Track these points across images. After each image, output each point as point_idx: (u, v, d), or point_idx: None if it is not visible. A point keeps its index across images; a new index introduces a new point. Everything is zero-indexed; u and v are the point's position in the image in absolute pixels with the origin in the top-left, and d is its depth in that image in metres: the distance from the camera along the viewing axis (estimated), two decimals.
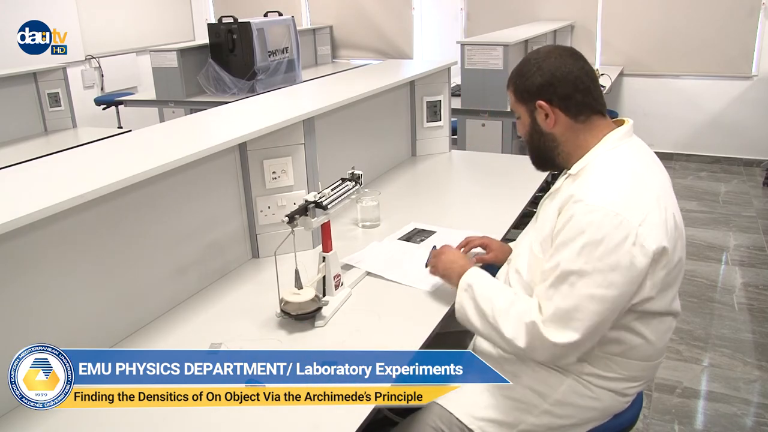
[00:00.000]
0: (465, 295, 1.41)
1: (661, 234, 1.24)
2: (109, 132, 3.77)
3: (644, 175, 1.32)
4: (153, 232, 1.55)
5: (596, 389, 1.37)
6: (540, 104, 1.36)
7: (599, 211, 1.23)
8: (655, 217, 1.24)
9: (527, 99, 1.38)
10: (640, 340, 1.34)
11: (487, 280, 1.43)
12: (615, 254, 1.21)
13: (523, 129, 1.43)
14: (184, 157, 1.50)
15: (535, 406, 1.37)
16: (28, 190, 1.36)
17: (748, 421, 2.29)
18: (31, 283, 1.26)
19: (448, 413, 1.38)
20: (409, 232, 2.00)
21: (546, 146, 1.41)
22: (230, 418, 1.18)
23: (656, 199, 1.27)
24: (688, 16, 5.19)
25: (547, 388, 1.37)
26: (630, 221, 1.21)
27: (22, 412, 1.21)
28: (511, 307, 1.32)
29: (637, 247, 1.21)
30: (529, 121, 1.40)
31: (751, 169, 5.20)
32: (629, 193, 1.26)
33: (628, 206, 1.23)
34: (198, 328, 1.50)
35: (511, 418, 1.38)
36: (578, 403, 1.37)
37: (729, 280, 3.34)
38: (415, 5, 6.22)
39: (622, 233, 1.21)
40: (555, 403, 1.37)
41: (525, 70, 1.39)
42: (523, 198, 2.24)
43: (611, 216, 1.21)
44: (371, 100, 2.47)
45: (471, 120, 3.99)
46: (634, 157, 1.36)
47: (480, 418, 1.38)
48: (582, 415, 1.38)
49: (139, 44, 6.28)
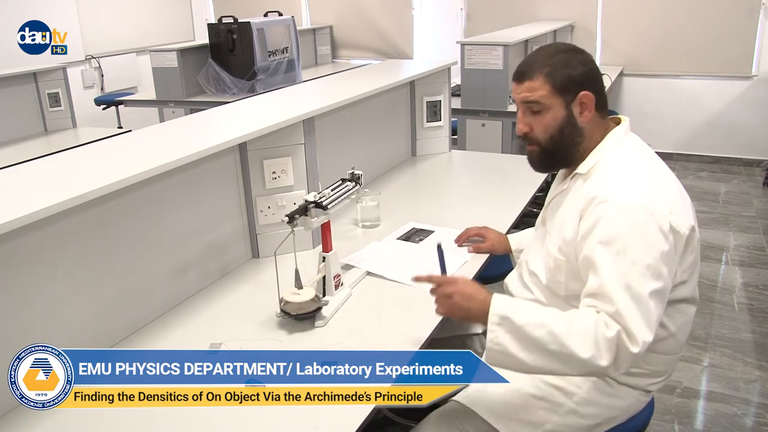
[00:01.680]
0: (500, 330, 1.22)
1: (690, 216, 1.28)
2: (109, 132, 3.76)
3: (658, 166, 1.34)
4: (153, 232, 1.55)
5: (620, 387, 1.37)
6: (586, 95, 1.33)
7: (628, 207, 1.23)
8: (679, 202, 1.27)
9: (569, 89, 1.33)
10: (665, 332, 1.34)
11: (522, 304, 1.30)
12: (656, 246, 1.21)
13: (553, 122, 1.34)
14: (184, 157, 1.50)
15: (561, 405, 1.36)
16: (28, 190, 1.36)
17: (748, 421, 2.28)
18: (32, 283, 1.26)
19: (473, 413, 1.36)
20: (407, 231, 2.00)
21: (572, 141, 1.36)
22: (230, 418, 1.18)
23: (675, 185, 1.31)
24: (688, 16, 5.19)
25: (573, 387, 1.36)
26: (660, 212, 1.23)
27: (22, 412, 1.21)
28: (573, 324, 1.19)
29: (672, 234, 1.23)
30: (564, 113, 1.34)
31: (751, 169, 5.20)
32: (652, 185, 1.28)
33: (654, 198, 1.24)
34: (198, 328, 1.50)
35: (537, 417, 1.35)
36: (603, 402, 1.36)
37: (729, 280, 3.34)
38: (415, 5, 6.22)
39: (657, 225, 1.22)
40: (581, 402, 1.35)
41: (564, 59, 1.33)
42: (523, 198, 2.24)
43: (642, 210, 1.22)
44: (371, 100, 2.47)
45: (471, 120, 3.99)
46: (642, 150, 1.37)
47: (508, 418, 1.35)
48: (605, 415, 1.37)
49: (139, 44, 6.28)
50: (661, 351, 1.36)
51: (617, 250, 1.21)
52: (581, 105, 1.34)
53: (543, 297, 1.42)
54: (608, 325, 1.18)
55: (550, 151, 1.38)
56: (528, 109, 1.36)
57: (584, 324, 1.18)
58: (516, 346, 1.20)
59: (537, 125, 1.36)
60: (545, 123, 1.35)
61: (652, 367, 1.37)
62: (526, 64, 1.37)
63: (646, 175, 1.30)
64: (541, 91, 1.33)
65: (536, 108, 1.35)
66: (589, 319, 1.19)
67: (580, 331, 1.18)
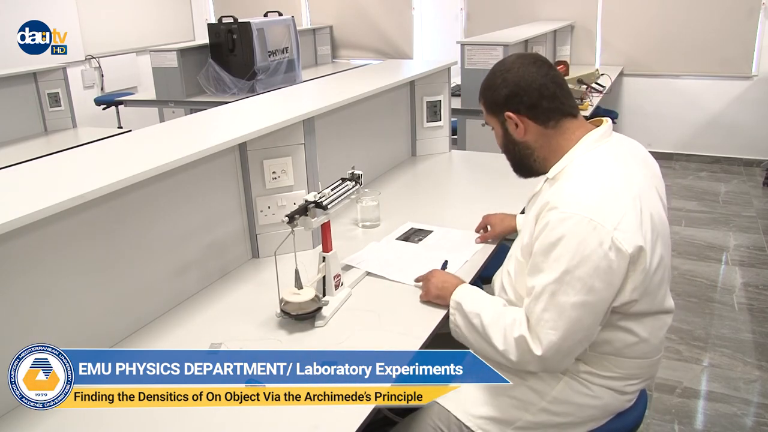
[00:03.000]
0: (456, 313, 1.45)
1: (638, 235, 1.24)
2: (109, 132, 3.76)
3: (620, 177, 1.31)
4: (153, 232, 1.55)
5: (594, 387, 1.38)
6: (508, 115, 1.39)
7: (573, 217, 1.23)
8: (630, 218, 1.24)
9: (497, 111, 1.41)
10: (634, 338, 1.35)
11: (475, 295, 1.46)
12: (591, 260, 1.22)
13: (498, 140, 1.47)
14: (184, 157, 1.50)
15: (533, 403, 1.38)
16: (28, 190, 1.36)
17: (748, 421, 2.28)
18: (32, 283, 1.26)
19: (447, 412, 1.39)
20: (406, 231, 2.00)
21: (522, 154, 1.44)
22: (230, 418, 1.18)
23: (632, 199, 1.26)
24: (688, 16, 5.19)
25: (544, 386, 1.38)
26: (604, 225, 1.21)
27: (22, 412, 1.21)
28: (499, 319, 1.35)
29: (613, 251, 1.22)
30: (501, 131, 1.44)
31: (751, 169, 5.20)
32: (603, 196, 1.26)
33: (601, 210, 1.23)
34: (198, 328, 1.50)
35: (509, 415, 1.38)
36: (576, 400, 1.37)
37: (729, 280, 3.34)
38: (415, 5, 6.22)
39: (597, 239, 1.21)
40: (552, 401, 1.37)
41: (491, 83, 1.41)
42: (523, 198, 2.22)
43: (585, 222, 1.22)
44: (371, 100, 2.47)
45: (471, 120, 3.99)
46: (612, 157, 1.35)
47: (478, 416, 1.38)
48: (581, 413, 1.38)
49: (139, 44, 6.28)
50: (632, 355, 1.37)
51: (553, 257, 1.25)
52: (513, 122, 1.39)
53: (514, 297, 1.44)
54: (520, 325, 1.30)
55: (511, 162, 1.50)
56: None
57: (508, 319, 1.33)
58: (465, 329, 1.42)
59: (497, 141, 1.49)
60: (497, 140, 1.48)
61: (623, 371, 1.38)
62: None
63: (602, 185, 1.28)
64: (484, 114, 1.46)
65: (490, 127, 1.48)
66: (510, 316, 1.33)
67: (501, 326, 1.33)
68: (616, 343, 1.35)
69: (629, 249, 1.23)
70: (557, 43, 5.36)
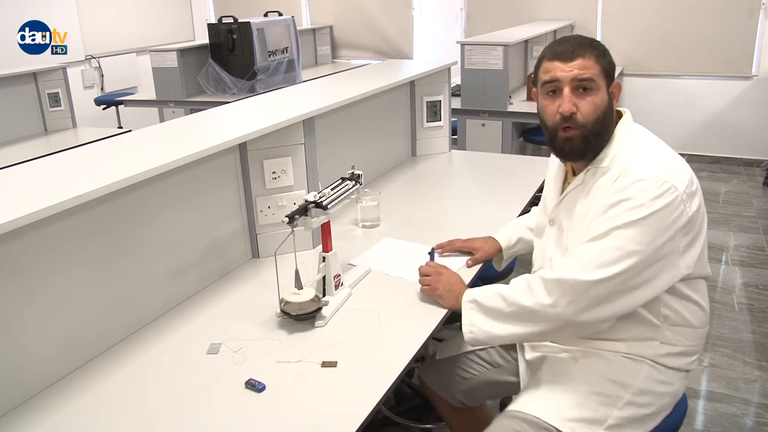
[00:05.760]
0: (471, 313, 1.42)
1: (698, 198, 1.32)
2: (109, 132, 3.76)
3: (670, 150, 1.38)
4: (153, 232, 1.55)
5: (668, 372, 1.38)
6: (617, 84, 1.39)
7: (647, 179, 1.26)
8: (694, 182, 1.31)
9: (610, 75, 1.37)
10: (695, 306, 1.38)
11: (485, 287, 1.44)
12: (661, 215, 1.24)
13: (600, 103, 1.34)
14: (184, 157, 1.50)
15: (619, 397, 1.35)
16: (28, 190, 1.36)
17: (748, 421, 2.29)
18: (31, 283, 1.26)
19: (534, 418, 1.32)
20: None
21: (608, 128, 1.38)
22: (230, 418, 1.18)
23: (688, 168, 1.34)
24: (688, 16, 5.19)
25: (627, 378, 1.36)
26: (677, 187, 1.26)
27: (22, 411, 1.22)
28: (516, 284, 1.36)
29: (684, 215, 1.27)
30: (606, 98, 1.36)
31: (751, 169, 5.20)
32: (671, 164, 1.31)
33: (672, 175, 1.27)
34: (198, 328, 1.50)
35: (599, 413, 1.33)
36: (656, 389, 1.37)
37: (729, 280, 3.34)
38: (415, 5, 6.22)
39: (670, 197, 1.25)
40: (637, 392, 1.35)
41: (605, 48, 1.37)
42: (523, 198, 2.24)
43: (660, 182, 1.26)
44: (371, 100, 2.47)
45: (471, 120, 3.99)
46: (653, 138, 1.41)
47: (570, 418, 1.32)
48: (659, 402, 1.37)
49: (139, 44, 6.28)
50: (696, 324, 1.39)
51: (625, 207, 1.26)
52: (612, 93, 1.37)
53: None
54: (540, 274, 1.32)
55: (595, 134, 1.35)
56: (578, 87, 1.33)
57: (524, 279, 1.35)
58: (485, 321, 1.39)
59: (584, 106, 1.33)
60: (595, 103, 1.33)
61: (690, 342, 1.39)
62: (574, 44, 1.35)
63: (665, 155, 1.34)
64: (593, 70, 1.33)
65: (588, 86, 1.33)
66: (525, 277, 1.35)
67: (522, 284, 1.34)
68: (685, 313, 1.37)
69: (693, 210, 1.28)
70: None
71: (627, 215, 1.25)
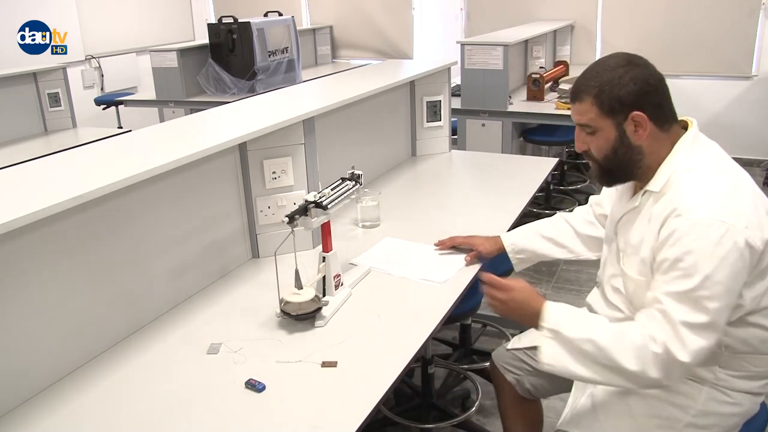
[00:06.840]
0: (552, 342, 1.28)
1: (764, 229, 1.22)
2: (109, 132, 3.76)
3: (730, 175, 1.29)
4: (153, 231, 1.55)
5: (734, 393, 1.34)
6: (638, 115, 1.28)
7: (703, 222, 1.19)
8: (754, 215, 1.22)
9: (618, 110, 1.29)
10: (762, 331, 1.31)
11: (572, 316, 1.32)
12: (729, 262, 1.17)
13: (605, 143, 1.32)
14: (184, 157, 1.50)
15: (678, 420, 1.32)
16: (27, 190, 1.36)
17: None
18: (31, 283, 1.26)
19: None
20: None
21: (630, 160, 1.32)
22: (230, 418, 1.18)
23: (751, 197, 1.25)
24: (688, 16, 5.18)
25: (687, 400, 1.33)
26: (736, 225, 1.18)
27: (22, 412, 1.22)
28: (622, 339, 1.22)
29: (747, 250, 1.19)
30: (615, 134, 1.30)
31: (751, 169, 5.19)
32: (726, 196, 1.23)
33: (729, 211, 1.20)
34: (198, 328, 1.50)
35: None
36: (720, 410, 1.33)
37: None
38: (415, 5, 6.22)
39: (732, 239, 1.17)
40: (698, 414, 1.32)
41: (612, 79, 1.28)
42: (523, 198, 2.24)
43: (717, 224, 1.18)
44: (371, 100, 2.47)
45: (471, 120, 3.99)
46: (711, 157, 1.32)
47: None
48: (725, 423, 1.34)
49: (139, 44, 6.27)
50: (765, 349, 1.33)
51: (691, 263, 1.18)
52: (635, 124, 1.29)
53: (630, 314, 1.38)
54: (654, 341, 1.18)
55: (607, 169, 1.36)
56: (582, 129, 1.35)
57: (632, 338, 1.20)
58: (569, 360, 1.26)
59: (591, 145, 1.35)
60: (598, 144, 1.33)
61: (759, 368, 1.34)
62: (578, 84, 1.34)
63: (721, 187, 1.25)
64: (589, 114, 1.31)
65: (588, 130, 1.34)
66: (636, 333, 1.20)
67: (628, 347, 1.20)
68: (752, 340, 1.31)
69: (760, 245, 1.21)
70: (557, 43, 5.36)
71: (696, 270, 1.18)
